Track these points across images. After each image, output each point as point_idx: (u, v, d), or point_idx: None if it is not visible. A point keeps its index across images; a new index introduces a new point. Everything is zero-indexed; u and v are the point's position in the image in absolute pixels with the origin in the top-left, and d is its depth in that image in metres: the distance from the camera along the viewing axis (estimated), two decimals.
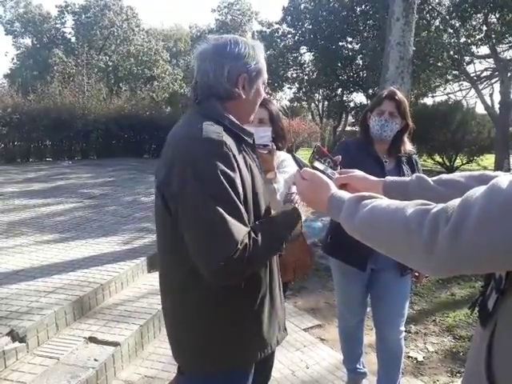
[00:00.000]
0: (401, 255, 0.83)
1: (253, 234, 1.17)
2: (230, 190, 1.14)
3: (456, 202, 0.73)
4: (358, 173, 1.27)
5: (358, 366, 2.52)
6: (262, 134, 1.95)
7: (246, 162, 1.25)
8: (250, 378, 1.37)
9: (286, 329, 1.48)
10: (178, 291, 1.30)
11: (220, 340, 1.27)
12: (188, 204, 1.15)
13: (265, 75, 1.37)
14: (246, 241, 1.14)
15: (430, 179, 1.17)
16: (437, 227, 0.72)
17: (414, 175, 1.22)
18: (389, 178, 1.24)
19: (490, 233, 0.66)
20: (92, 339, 2.62)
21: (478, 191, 0.71)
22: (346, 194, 1.02)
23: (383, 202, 0.90)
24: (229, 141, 1.20)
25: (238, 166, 1.18)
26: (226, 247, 1.11)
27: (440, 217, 0.73)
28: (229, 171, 1.14)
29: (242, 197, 1.18)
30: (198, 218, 1.14)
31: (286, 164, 2.08)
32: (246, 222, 1.17)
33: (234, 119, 1.28)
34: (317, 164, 1.21)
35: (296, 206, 1.37)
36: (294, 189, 1.97)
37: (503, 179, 0.70)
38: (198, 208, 1.13)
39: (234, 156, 1.18)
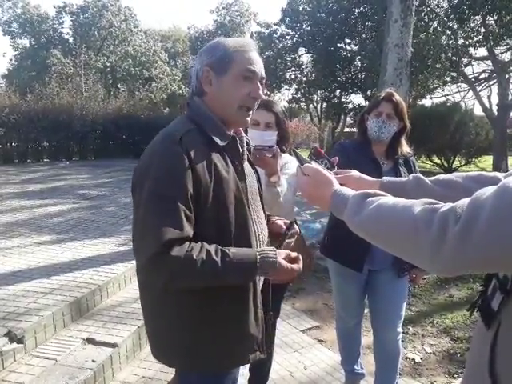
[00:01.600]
0: (407, 253, 0.83)
1: (194, 250, 1.12)
2: (175, 190, 1.13)
3: (465, 201, 0.73)
4: (354, 173, 1.27)
5: (355, 367, 2.52)
6: (268, 138, 1.96)
7: (209, 164, 1.19)
8: (220, 380, 1.35)
9: (264, 350, 1.37)
10: (141, 290, 1.35)
11: (175, 342, 1.28)
12: (134, 195, 1.21)
13: (241, 66, 1.26)
14: (181, 254, 1.10)
15: (427, 179, 1.17)
16: (446, 227, 0.72)
17: (411, 175, 1.21)
18: (386, 178, 1.24)
19: (502, 233, 0.66)
20: (90, 340, 2.62)
21: (487, 191, 0.71)
22: (349, 191, 1.01)
23: (389, 199, 0.90)
24: (191, 140, 1.19)
25: (193, 166, 1.15)
26: (150, 244, 1.11)
27: (449, 216, 0.73)
28: (178, 171, 1.14)
29: (190, 198, 1.15)
30: (136, 209, 1.18)
31: (288, 166, 2.08)
32: (186, 225, 1.13)
33: (215, 117, 1.27)
34: (313, 164, 1.21)
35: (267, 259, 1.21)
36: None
37: None
38: (139, 200, 1.17)
39: (190, 156, 1.16)
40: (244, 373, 2.30)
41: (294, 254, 1.30)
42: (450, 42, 12.85)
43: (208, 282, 1.17)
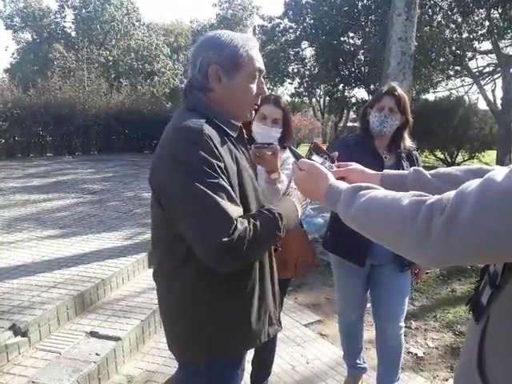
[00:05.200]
0: (396, 245, 0.83)
1: (252, 220, 1.18)
2: (216, 174, 1.14)
3: (451, 193, 0.74)
4: (355, 166, 1.27)
5: (358, 361, 2.53)
6: (273, 135, 1.97)
7: (231, 153, 1.24)
8: (237, 367, 1.38)
9: (280, 323, 1.46)
10: (165, 281, 1.34)
11: (204, 330, 1.28)
12: (176, 192, 1.17)
13: (251, 67, 1.28)
14: (246, 224, 1.14)
15: (427, 172, 1.16)
16: (431, 217, 0.72)
17: (412, 168, 1.21)
18: (386, 172, 1.24)
19: (484, 224, 0.66)
20: (93, 334, 2.64)
21: (473, 183, 0.71)
22: (343, 184, 1.03)
23: (380, 192, 0.90)
24: (210, 131, 1.19)
25: (220, 154, 1.17)
26: (222, 226, 1.11)
27: (435, 207, 0.73)
28: (209, 157, 1.14)
29: (227, 182, 1.17)
30: (189, 205, 1.15)
31: (289, 162, 2.08)
32: (238, 202, 1.18)
33: (220, 111, 1.28)
34: (314, 157, 1.21)
35: (292, 199, 1.36)
36: (292, 183, 1.96)
37: (498, 172, 0.70)
38: (187, 194, 1.14)
39: (215, 145, 1.17)
40: (246, 367, 2.31)
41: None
42: (454, 36, 12.75)
43: (272, 239, 1.26)
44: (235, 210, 1.14)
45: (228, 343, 1.30)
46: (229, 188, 1.16)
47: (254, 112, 1.39)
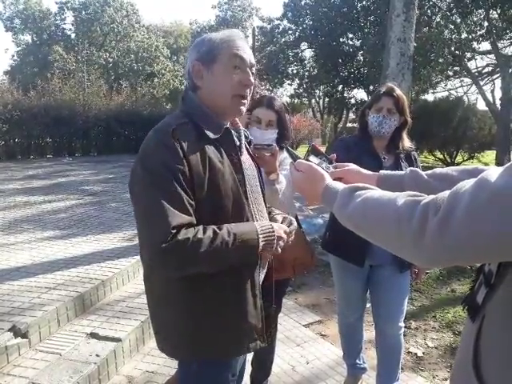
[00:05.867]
0: (392, 245, 0.83)
1: (200, 233, 1.15)
2: (172, 179, 1.14)
3: (446, 193, 0.74)
4: (352, 167, 1.27)
5: (357, 361, 2.53)
6: (267, 137, 1.98)
7: (204, 157, 1.21)
8: (228, 369, 1.36)
9: (265, 339, 1.39)
10: (146, 280, 1.37)
11: (188, 329, 1.29)
12: (133, 191, 1.23)
13: (228, 55, 1.26)
14: (190, 235, 1.13)
15: (423, 173, 1.17)
16: (426, 217, 0.73)
17: (409, 169, 1.21)
18: (383, 172, 1.24)
19: (478, 224, 0.66)
20: (93, 335, 2.64)
21: (467, 183, 0.72)
22: (340, 185, 1.03)
23: (376, 192, 0.91)
24: (184, 133, 1.20)
25: (187, 158, 1.17)
26: (159, 231, 1.11)
27: (429, 207, 0.74)
28: (172, 161, 1.15)
29: (187, 188, 1.17)
30: (137, 204, 1.20)
31: (287, 162, 2.09)
32: (190, 211, 1.16)
33: (208, 111, 1.29)
34: (312, 158, 1.22)
35: (257, 228, 1.26)
36: (283, 181, 1.97)
37: (492, 172, 0.70)
38: (139, 194, 1.19)
39: (183, 148, 1.17)
40: (246, 367, 2.32)
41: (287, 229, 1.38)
42: (453, 36, 12.77)
43: (216, 261, 1.20)
44: (180, 219, 1.13)
45: (207, 345, 1.29)
46: (183, 195, 1.15)
47: (244, 108, 1.33)
